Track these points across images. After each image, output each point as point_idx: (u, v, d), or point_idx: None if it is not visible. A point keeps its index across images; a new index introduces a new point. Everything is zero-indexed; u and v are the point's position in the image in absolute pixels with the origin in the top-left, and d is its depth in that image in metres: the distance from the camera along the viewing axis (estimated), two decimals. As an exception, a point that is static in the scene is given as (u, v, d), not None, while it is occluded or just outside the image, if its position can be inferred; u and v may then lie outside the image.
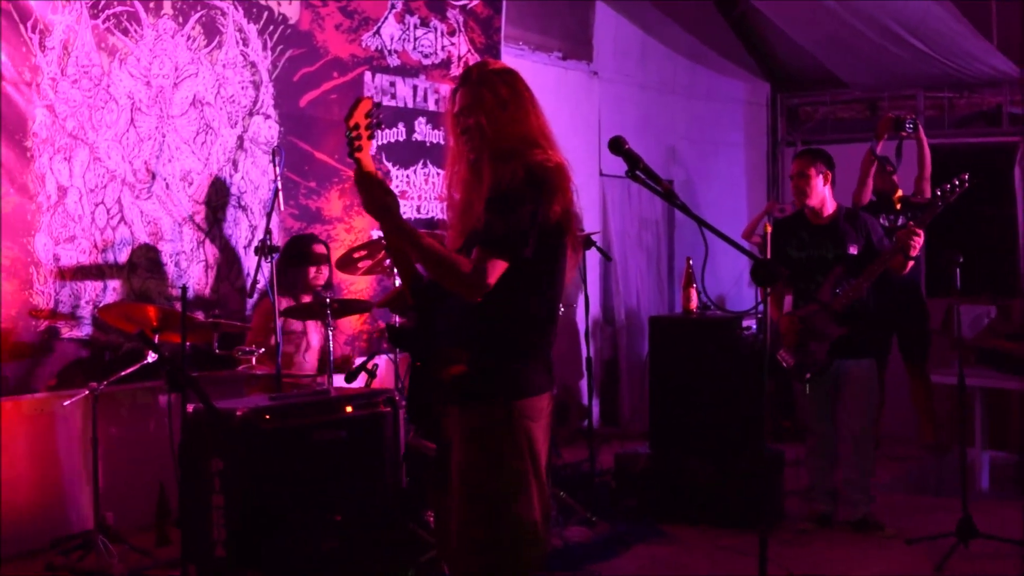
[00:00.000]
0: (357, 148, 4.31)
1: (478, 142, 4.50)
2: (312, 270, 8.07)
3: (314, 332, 8.11)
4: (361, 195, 4.32)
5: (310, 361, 8.10)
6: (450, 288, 4.37)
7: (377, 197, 4.31)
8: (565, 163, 4.53)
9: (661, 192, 4.70)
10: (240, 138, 8.47)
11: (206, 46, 8.26)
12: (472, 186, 4.53)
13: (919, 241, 7.43)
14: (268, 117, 8.66)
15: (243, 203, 8.52)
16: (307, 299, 8.03)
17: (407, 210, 9.67)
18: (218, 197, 8.36)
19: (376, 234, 9.20)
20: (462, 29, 10.23)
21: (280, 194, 7.47)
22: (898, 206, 7.97)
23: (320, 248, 8.21)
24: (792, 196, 8.28)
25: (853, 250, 7.78)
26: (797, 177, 8.01)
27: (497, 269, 4.29)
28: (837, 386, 7.94)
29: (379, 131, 4.40)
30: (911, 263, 7.56)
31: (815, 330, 7.79)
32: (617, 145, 4.65)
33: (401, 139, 9.67)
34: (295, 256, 8.08)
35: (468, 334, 4.45)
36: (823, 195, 7.95)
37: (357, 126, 4.31)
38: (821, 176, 7.94)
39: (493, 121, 4.50)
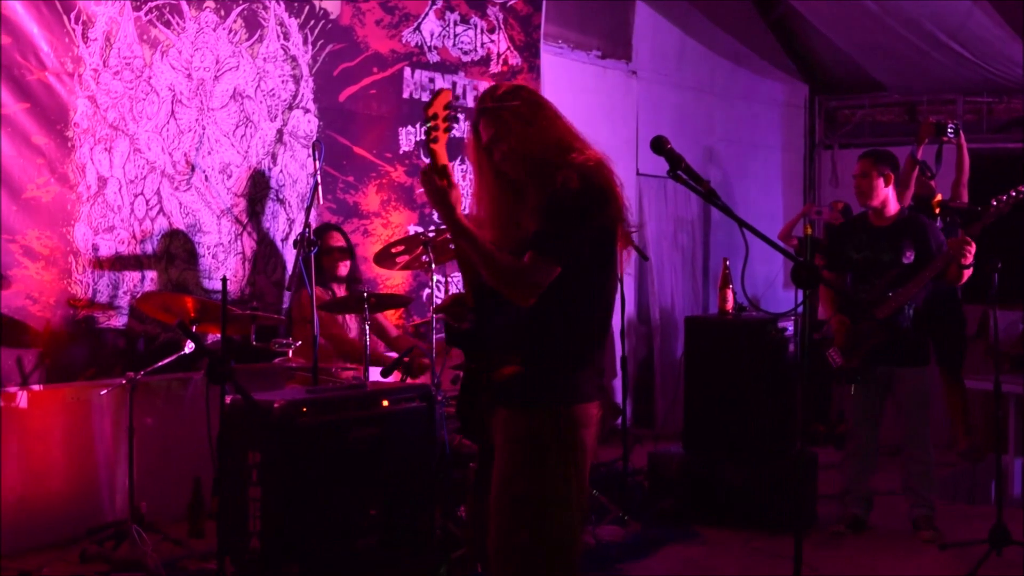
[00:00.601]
0: (433, 139, 4.37)
1: (519, 165, 4.49)
2: (327, 260, 8.04)
3: (352, 324, 8.12)
4: (426, 187, 4.40)
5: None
6: (502, 290, 4.35)
7: (441, 192, 4.34)
8: (604, 157, 4.55)
9: (703, 192, 4.69)
10: (279, 131, 8.49)
11: (247, 39, 8.28)
12: (513, 204, 4.52)
13: (971, 250, 7.40)
14: (307, 111, 8.68)
15: (281, 196, 8.54)
16: (341, 291, 8.05)
17: (444, 206, 9.66)
18: (256, 190, 8.39)
19: (413, 229, 9.22)
20: (502, 26, 10.24)
21: (319, 188, 7.48)
22: (937, 211, 7.94)
23: (337, 237, 8.19)
24: (852, 198, 8.26)
25: (909, 255, 7.75)
26: (860, 177, 8.00)
27: (549, 274, 4.27)
28: (888, 392, 7.94)
29: (455, 124, 4.40)
30: (967, 272, 7.51)
31: (864, 332, 7.79)
32: (659, 145, 4.64)
33: (439, 135, 9.66)
34: (319, 248, 8.10)
35: (522, 339, 4.42)
36: (885, 196, 7.94)
37: (436, 116, 4.38)
38: (883, 178, 7.92)
39: (524, 140, 4.50)
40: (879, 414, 8.10)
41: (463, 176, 9.78)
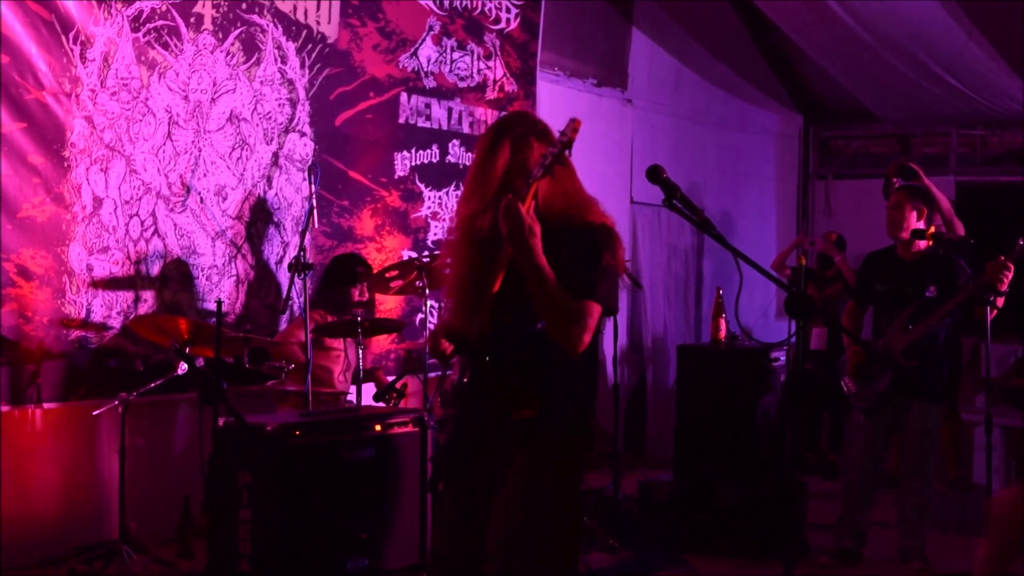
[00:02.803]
0: (548, 170, 4.25)
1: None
2: (356, 291, 8.14)
3: (351, 349, 8.15)
4: (515, 218, 4.19)
5: (349, 379, 8.14)
6: (560, 329, 4.33)
7: (531, 229, 4.20)
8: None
9: (697, 221, 4.71)
10: (275, 155, 8.51)
11: (245, 62, 8.30)
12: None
13: (1009, 276, 7.28)
14: (303, 135, 8.70)
15: (276, 220, 8.55)
16: (346, 317, 8.09)
17: (439, 231, 9.69)
18: (251, 213, 8.40)
19: (407, 254, 9.23)
20: (498, 53, 10.27)
21: (315, 212, 7.50)
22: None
23: (363, 269, 8.28)
24: (845, 228, 8.28)
25: (932, 290, 7.74)
26: (893, 209, 8.01)
27: (597, 316, 4.35)
28: (898, 425, 7.95)
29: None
30: (1000, 301, 7.43)
31: (880, 362, 7.80)
32: (655, 174, 4.66)
33: (435, 161, 9.70)
34: (342, 276, 8.15)
35: (539, 377, 4.46)
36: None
37: (562, 143, 4.26)
38: (915, 212, 7.93)
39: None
40: (885, 446, 8.12)
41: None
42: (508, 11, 10.37)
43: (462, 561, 4.55)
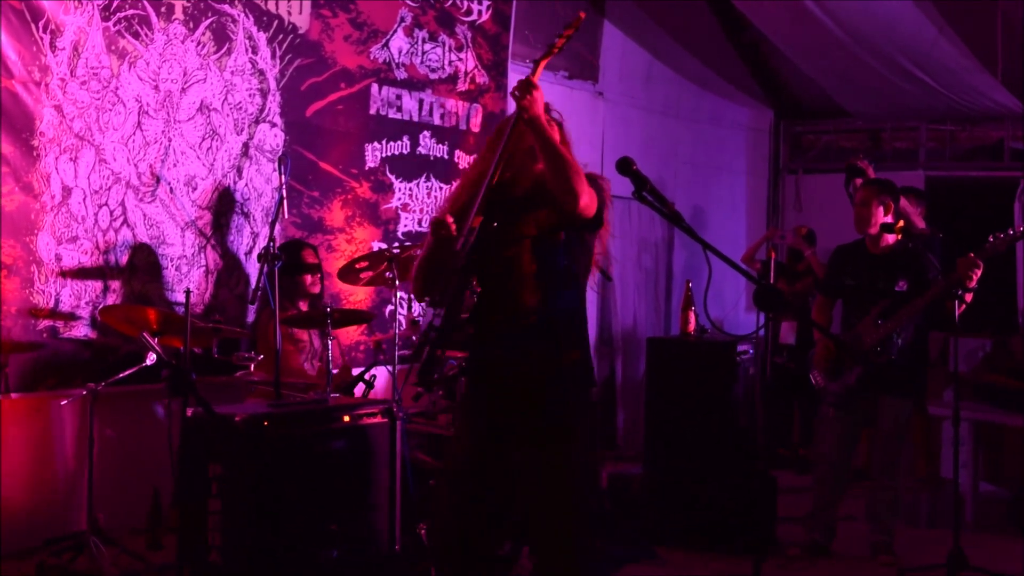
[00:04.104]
0: (549, 52, 5.22)
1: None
2: (307, 278, 8.11)
3: (318, 340, 8.13)
4: (529, 93, 4.88)
5: (318, 369, 8.12)
6: (561, 185, 4.84)
7: (540, 98, 4.90)
8: None
9: (667, 214, 4.73)
10: (245, 145, 8.48)
11: (215, 52, 8.27)
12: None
13: (978, 273, 7.32)
14: (274, 125, 8.67)
15: (246, 210, 8.52)
16: (304, 307, 8.06)
17: (409, 223, 9.68)
18: (221, 203, 8.37)
19: (377, 246, 9.21)
20: (470, 45, 10.25)
21: (284, 202, 7.48)
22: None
23: (311, 254, 8.24)
24: (815, 222, 8.29)
25: (902, 285, 7.77)
26: (860, 205, 8.03)
27: (592, 198, 4.91)
28: (868, 419, 7.97)
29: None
30: (968, 297, 7.46)
31: (849, 357, 7.82)
32: (625, 166, 4.68)
33: (405, 152, 9.67)
34: (289, 265, 8.12)
35: (577, 321, 5.09)
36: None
37: (562, 36, 5.22)
38: (883, 207, 7.94)
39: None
40: (855, 441, 8.15)
41: (429, 193, 9.80)
42: (480, 3, 10.35)
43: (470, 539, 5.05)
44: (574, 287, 5.13)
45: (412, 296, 7.27)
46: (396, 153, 9.61)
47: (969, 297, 7.43)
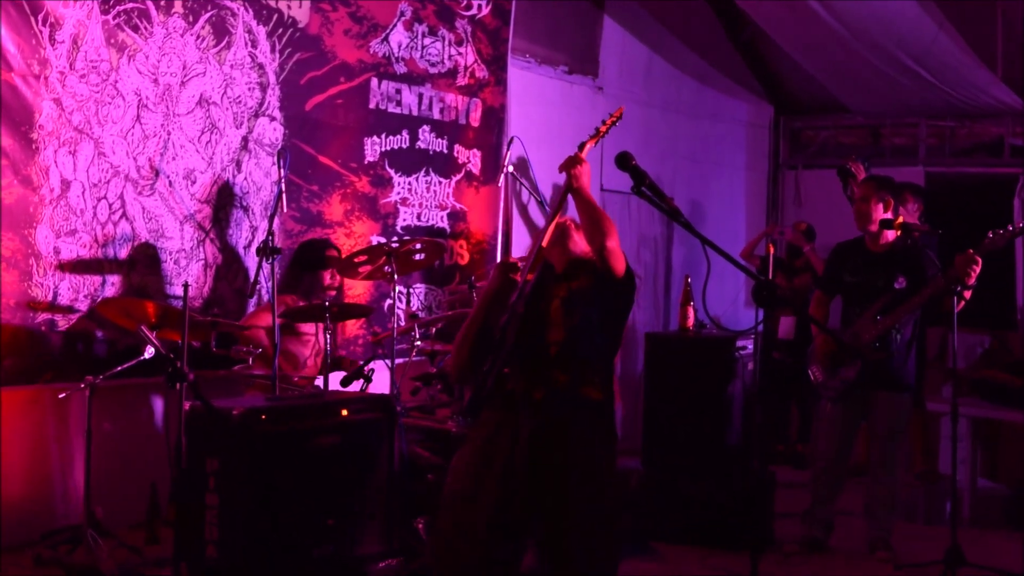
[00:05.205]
0: (592, 137, 5.63)
1: None
2: (327, 275, 8.14)
3: (322, 334, 8.14)
4: (579, 166, 5.35)
5: (319, 364, 8.13)
6: (590, 226, 5.19)
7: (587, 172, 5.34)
8: None
9: (666, 209, 4.74)
10: (245, 139, 8.47)
11: (215, 46, 8.26)
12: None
13: (977, 270, 7.29)
14: (273, 119, 8.66)
15: (245, 204, 8.52)
16: (316, 301, 8.07)
17: (408, 217, 9.68)
18: (220, 197, 8.36)
19: (376, 240, 9.21)
20: (470, 39, 10.24)
21: (283, 196, 7.48)
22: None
23: (334, 252, 8.28)
24: (814, 218, 8.29)
25: (901, 282, 7.76)
26: (859, 202, 8.03)
27: (619, 254, 5.17)
28: (866, 415, 7.97)
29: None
30: (967, 294, 7.46)
31: (848, 353, 7.81)
32: (624, 161, 4.69)
33: (404, 146, 9.67)
34: (312, 261, 8.15)
35: (601, 365, 5.32)
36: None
37: (604, 123, 5.66)
38: (882, 204, 7.94)
39: None
40: (853, 436, 8.16)
41: (427, 188, 9.78)
42: (480, -3, 10.37)
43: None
44: (600, 339, 5.31)
45: (450, 373, 7.36)
46: (395, 147, 9.60)
47: (968, 294, 7.43)
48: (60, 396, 7.30)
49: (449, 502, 5.10)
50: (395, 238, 9.35)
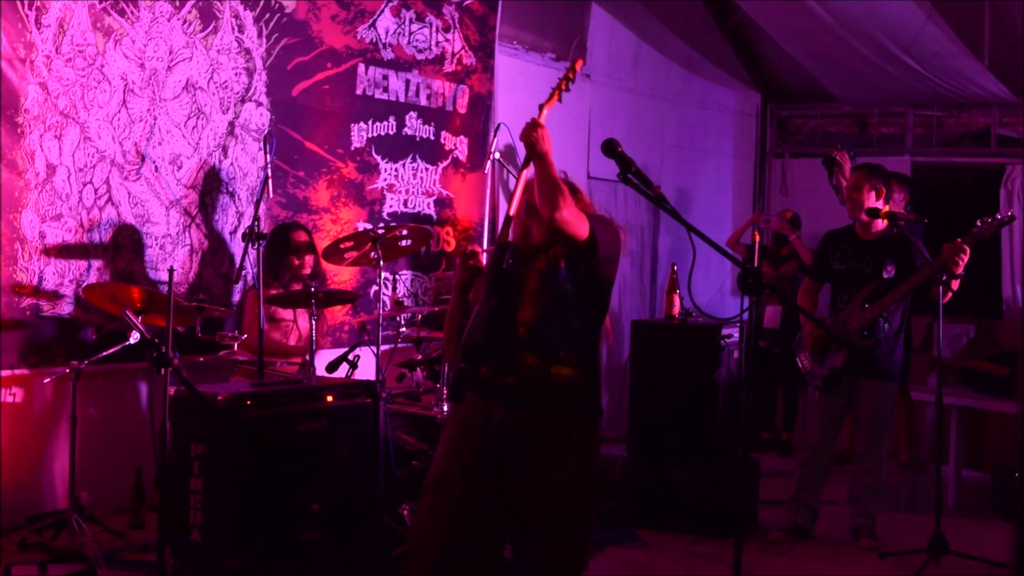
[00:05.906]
0: (549, 98, 5.17)
1: None
2: (295, 259, 8.12)
3: (303, 320, 8.12)
4: (538, 133, 4.88)
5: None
6: (541, 195, 4.91)
7: (547, 138, 4.89)
8: None
9: (652, 196, 4.73)
10: (231, 124, 8.46)
11: (201, 31, 8.24)
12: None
13: (965, 258, 7.32)
14: (260, 104, 8.65)
15: (231, 189, 8.51)
16: (297, 287, 8.05)
17: (394, 203, 9.67)
18: (206, 182, 8.35)
19: (362, 226, 9.21)
20: (457, 26, 10.23)
21: (269, 182, 7.47)
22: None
23: (301, 235, 8.26)
24: (801, 206, 8.31)
25: (889, 270, 7.78)
26: (851, 190, 8.04)
27: (575, 218, 4.90)
28: (852, 402, 7.98)
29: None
30: (955, 284, 7.48)
31: (835, 341, 7.83)
32: (610, 147, 4.67)
33: (391, 132, 9.66)
34: (278, 245, 8.12)
35: (574, 343, 4.99)
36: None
37: (567, 79, 5.20)
38: (874, 192, 7.95)
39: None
40: (839, 424, 8.18)
41: (414, 174, 9.77)
42: (468, -16, 10.35)
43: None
44: (578, 313, 5.03)
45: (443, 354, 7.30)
46: (382, 134, 9.60)
47: (956, 284, 7.44)
48: (45, 381, 7.30)
49: (425, 488, 5.07)
50: (381, 224, 9.34)
